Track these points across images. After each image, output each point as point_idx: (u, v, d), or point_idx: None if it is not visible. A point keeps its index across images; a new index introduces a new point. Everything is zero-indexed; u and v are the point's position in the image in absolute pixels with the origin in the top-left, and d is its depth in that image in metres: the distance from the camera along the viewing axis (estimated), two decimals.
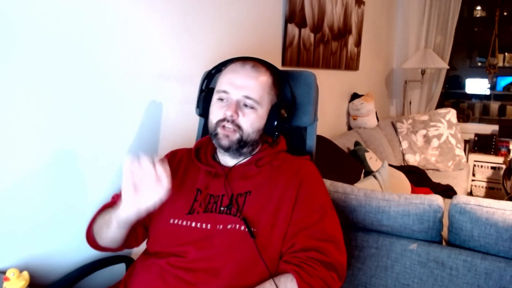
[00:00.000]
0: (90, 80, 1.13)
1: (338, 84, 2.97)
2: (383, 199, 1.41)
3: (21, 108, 0.97)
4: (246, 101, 1.00)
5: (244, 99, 1.00)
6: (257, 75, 1.02)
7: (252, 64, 1.03)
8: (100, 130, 1.18)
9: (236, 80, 1.01)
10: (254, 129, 1.02)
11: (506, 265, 1.23)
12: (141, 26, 1.26)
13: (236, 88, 1.00)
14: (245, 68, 1.02)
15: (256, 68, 1.03)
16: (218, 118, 1.01)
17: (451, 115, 3.39)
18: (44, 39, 1.00)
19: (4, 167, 0.97)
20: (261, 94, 1.01)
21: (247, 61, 1.05)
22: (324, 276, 0.88)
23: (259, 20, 1.88)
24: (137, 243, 1.10)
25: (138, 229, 1.07)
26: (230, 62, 1.07)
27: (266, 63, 1.09)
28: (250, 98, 1.00)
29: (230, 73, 1.03)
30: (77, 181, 1.14)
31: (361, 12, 3.10)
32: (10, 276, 0.86)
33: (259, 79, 1.02)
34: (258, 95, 1.01)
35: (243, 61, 1.05)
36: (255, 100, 1.00)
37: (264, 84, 1.03)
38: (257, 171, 1.03)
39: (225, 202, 0.99)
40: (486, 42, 4.30)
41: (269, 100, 1.05)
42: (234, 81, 1.01)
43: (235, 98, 1.00)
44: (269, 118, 1.04)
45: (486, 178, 3.75)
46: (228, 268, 0.91)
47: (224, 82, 1.02)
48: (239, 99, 1.00)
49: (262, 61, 1.08)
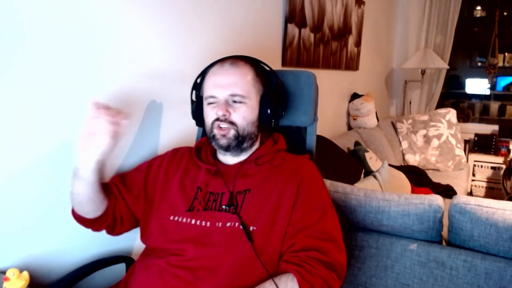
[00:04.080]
0: (89, 80, 1.13)
1: (338, 84, 2.97)
2: (383, 199, 1.41)
3: (19, 107, 0.97)
4: (234, 98, 1.02)
5: (231, 97, 1.02)
6: (237, 70, 1.04)
7: (230, 62, 1.06)
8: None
9: (219, 81, 1.03)
10: (248, 121, 1.03)
11: (506, 265, 1.24)
12: (141, 26, 1.26)
13: (220, 89, 1.02)
14: (224, 67, 1.04)
15: (234, 64, 1.05)
16: (212, 119, 1.03)
17: (451, 115, 3.40)
18: (44, 39, 1.00)
19: (4, 167, 0.97)
20: (246, 87, 1.03)
21: (224, 61, 1.07)
22: (324, 275, 0.88)
23: (259, 20, 1.88)
24: (121, 228, 1.11)
25: (123, 211, 1.09)
26: (210, 66, 1.09)
27: (244, 57, 1.10)
28: (236, 95, 1.02)
29: (211, 77, 1.05)
30: None
31: (361, 12, 3.10)
32: (10, 276, 0.86)
33: (240, 73, 1.04)
34: (243, 90, 1.02)
35: (221, 61, 1.07)
36: (241, 95, 1.02)
37: (247, 77, 1.04)
38: (257, 169, 1.04)
39: (224, 200, 1.00)
40: (486, 42, 4.30)
41: (256, 91, 1.06)
42: (217, 82, 1.03)
43: (222, 98, 1.02)
44: (261, 108, 1.06)
45: (486, 178, 3.75)
46: (227, 266, 0.91)
47: (209, 87, 1.05)
48: (226, 98, 1.02)
49: (239, 56, 1.10)
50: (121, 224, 1.10)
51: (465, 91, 5.40)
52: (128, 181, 1.12)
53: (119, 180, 1.11)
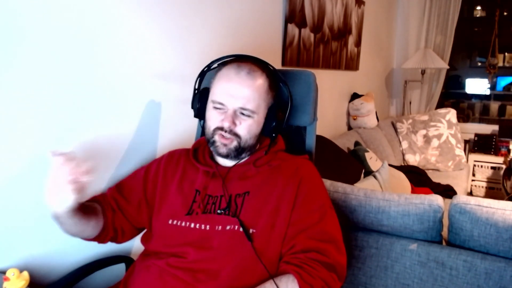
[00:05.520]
0: (89, 80, 1.12)
1: (338, 84, 2.97)
2: (383, 199, 1.41)
3: (20, 107, 0.97)
4: (243, 111, 0.99)
5: (240, 109, 0.98)
6: (253, 83, 0.99)
7: (247, 70, 0.99)
8: (99, 130, 1.18)
9: (232, 90, 0.98)
10: (252, 135, 1.01)
11: (506, 265, 1.23)
12: (141, 26, 1.26)
13: (231, 98, 0.98)
14: (240, 75, 0.98)
15: (251, 74, 0.99)
16: (216, 126, 1.00)
17: (451, 115, 3.40)
18: (44, 39, 1.00)
19: (4, 167, 0.97)
20: (258, 102, 1.00)
21: (242, 66, 1.00)
22: (324, 276, 0.88)
23: (259, 20, 1.88)
24: (123, 238, 1.10)
25: (123, 224, 1.07)
26: (224, 64, 1.04)
27: (261, 63, 1.06)
28: (247, 109, 0.98)
29: (224, 81, 1.00)
30: None
31: (361, 12, 3.10)
32: (10, 276, 0.86)
33: (255, 87, 0.99)
34: (254, 105, 0.99)
35: (238, 65, 1.01)
36: (252, 110, 0.99)
37: (261, 90, 1.00)
38: (256, 171, 1.03)
39: (223, 203, 0.99)
40: (486, 42, 4.29)
41: (266, 104, 1.03)
42: (230, 91, 0.98)
43: (231, 108, 0.98)
44: (266, 121, 1.04)
45: (486, 178, 3.75)
46: (228, 269, 0.91)
47: (219, 92, 1.00)
48: (235, 109, 0.98)
49: (257, 62, 1.05)
50: (122, 235, 1.09)
51: (465, 91, 5.39)
52: (126, 191, 1.09)
53: (116, 192, 1.08)
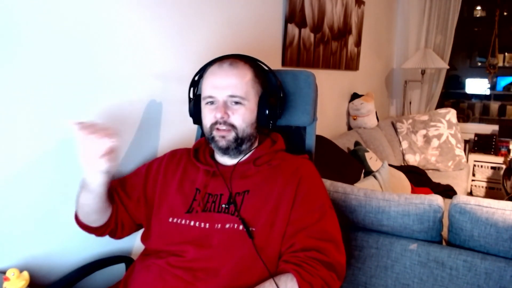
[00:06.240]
0: (89, 80, 1.12)
1: (338, 84, 2.97)
2: (383, 199, 1.41)
3: (21, 106, 0.97)
4: (233, 99, 1.01)
5: (230, 98, 1.01)
6: (237, 72, 1.03)
7: (229, 62, 1.04)
8: None
9: (217, 82, 1.02)
10: (247, 123, 1.03)
11: (506, 265, 1.23)
12: (141, 25, 1.26)
13: (219, 90, 1.01)
14: (223, 68, 1.03)
15: (234, 65, 1.03)
16: (211, 122, 1.03)
17: (451, 115, 3.40)
18: (43, 39, 1.00)
19: (4, 167, 0.97)
20: (245, 89, 1.02)
21: (223, 60, 1.05)
22: (324, 275, 0.88)
23: (259, 20, 1.88)
24: (122, 233, 1.11)
25: (124, 218, 1.09)
26: (209, 65, 1.08)
27: (243, 56, 1.09)
28: (235, 96, 1.01)
29: (210, 77, 1.04)
30: (77, 181, 1.13)
31: (361, 12, 3.10)
32: (10, 276, 0.86)
33: (239, 75, 1.03)
34: (242, 91, 1.02)
35: (220, 61, 1.06)
36: (241, 96, 1.01)
37: (246, 78, 1.04)
38: (256, 170, 1.04)
39: (223, 201, 1.00)
40: (486, 42, 4.30)
41: (255, 92, 1.05)
42: (216, 83, 1.02)
43: (221, 99, 1.01)
44: (259, 109, 1.06)
45: (486, 178, 3.75)
46: (227, 267, 0.91)
47: (207, 87, 1.04)
48: (225, 99, 1.01)
49: (239, 56, 1.09)
50: (122, 229, 1.10)
51: (465, 91, 5.39)
52: (128, 186, 1.11)
53: (119, 186, 1.11)
